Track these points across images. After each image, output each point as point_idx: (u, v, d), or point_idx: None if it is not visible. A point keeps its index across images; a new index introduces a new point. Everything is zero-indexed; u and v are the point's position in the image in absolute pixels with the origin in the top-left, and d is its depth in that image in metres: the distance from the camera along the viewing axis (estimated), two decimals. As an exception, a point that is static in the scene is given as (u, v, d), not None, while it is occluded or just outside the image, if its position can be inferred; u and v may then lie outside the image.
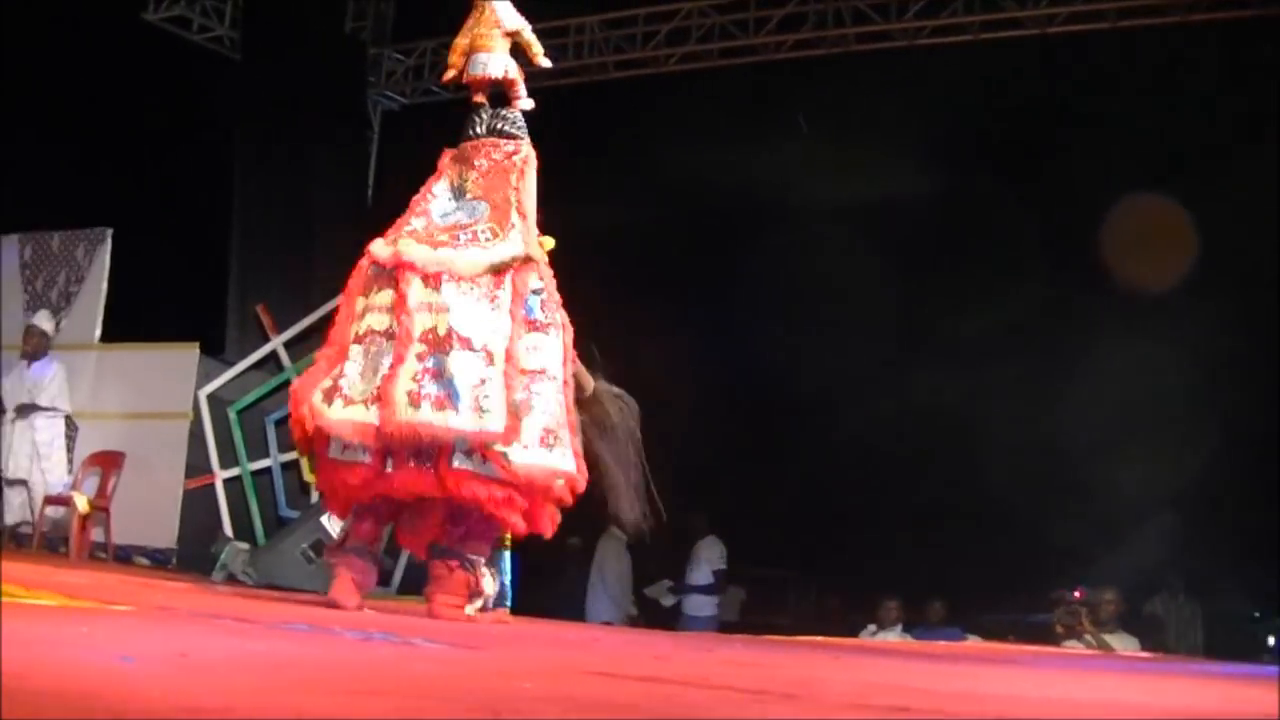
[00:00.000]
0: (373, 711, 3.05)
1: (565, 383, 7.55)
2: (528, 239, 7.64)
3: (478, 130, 8.06)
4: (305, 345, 14.70)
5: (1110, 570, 13.55)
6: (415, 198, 7.88)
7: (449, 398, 6.98)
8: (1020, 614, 14.59)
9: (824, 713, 3.79)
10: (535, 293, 7.54)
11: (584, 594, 16.30)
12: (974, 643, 12.54)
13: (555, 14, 18.31)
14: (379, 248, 7.57)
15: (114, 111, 17.55)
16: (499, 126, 8.08)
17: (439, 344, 7.08)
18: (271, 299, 15.15)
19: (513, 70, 8.37)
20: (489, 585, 7.68)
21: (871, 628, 14.39)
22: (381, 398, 7.01)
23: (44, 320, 15.17)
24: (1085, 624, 12.26)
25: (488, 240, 7.48)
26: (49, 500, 14.34)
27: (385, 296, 7.32)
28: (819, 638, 10.15)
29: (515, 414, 7.09)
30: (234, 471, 14.21)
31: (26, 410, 14.79)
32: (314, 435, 7.29)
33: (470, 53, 8.24)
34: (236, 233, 16.43)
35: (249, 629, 5.54)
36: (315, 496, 14.02)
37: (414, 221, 7.69)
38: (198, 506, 14.14)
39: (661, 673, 4.75)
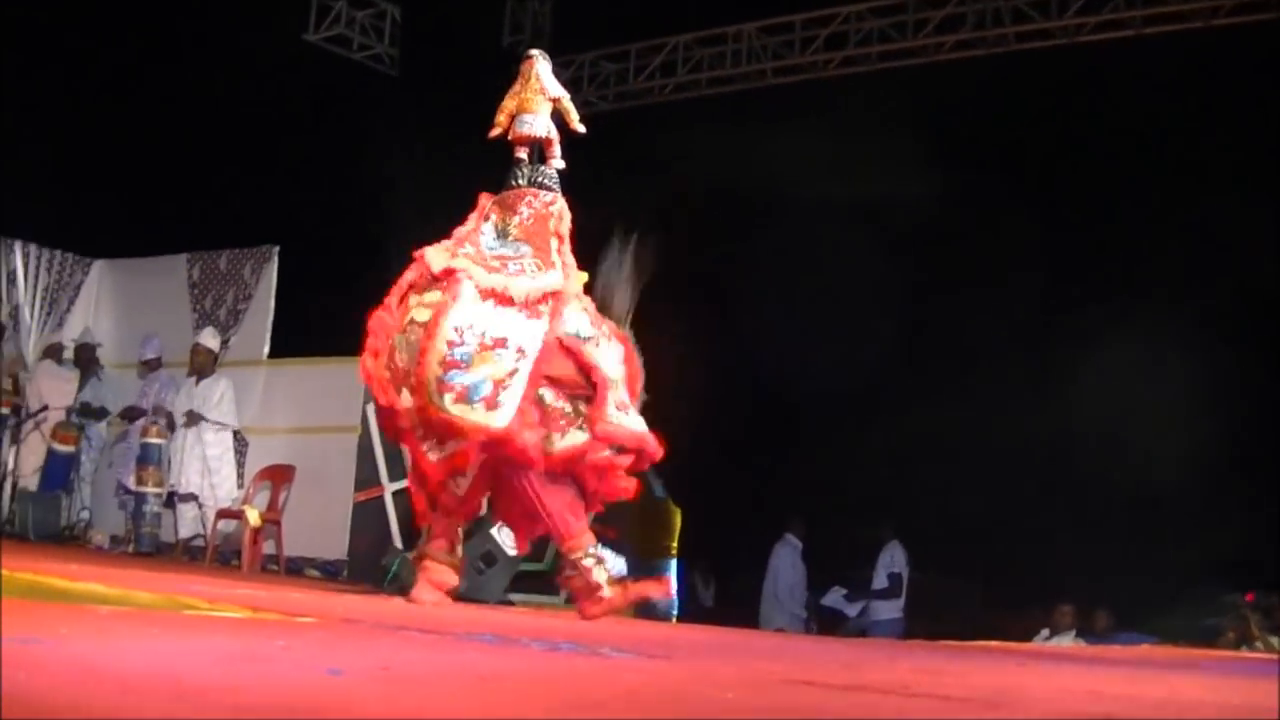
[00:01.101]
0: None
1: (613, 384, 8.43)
2: (569, 274, 8.56)
3: (520, 181, 8.91)
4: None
5: None
6: (462, 230, 8.64)
7: (468, 391, 7.80)
8: (1187, 619, 14.36)
9: (1029, 721, 3.75)
10: (585, 309, 8.49)
11: (757, 601, 16.29)
12: (1152, 647, 12.34)
13: (712, 22, 18.34)
14: (436, 258, 8.39)
15: (278, 131, 17.78)
16: (539, 180, 8.94)
17: (478, 341, 7.92)
18: (435, 312, 15.23)
19: (553, 132, 9.17)
20: (600, 575, 8.40)
21: (1044, 633, 14.22)
22: (417, 381, 7.89)
23: (209, 338, 15.39)
24: (1255, 628, 12.04)
25: (534, 273, 8.39)
26: (221, 514, 14.55)
27: (434, 295, 8.17)
28: (994, 643, 10.00)
29: (523, 413, 7.89)
30: (402, 484, 14.24)
31: (194, 418, 15.01)
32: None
33: (516, 113, 9.08)
34: (392, 245, 16.51)
35: (439, 640, 5.57)
36: (484, 508, 14.10)
37: (467, 248, 8.43)
38: (367, 519, 14.23)
39: (858, 681, 4.71)
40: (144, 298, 17.48)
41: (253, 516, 13.94)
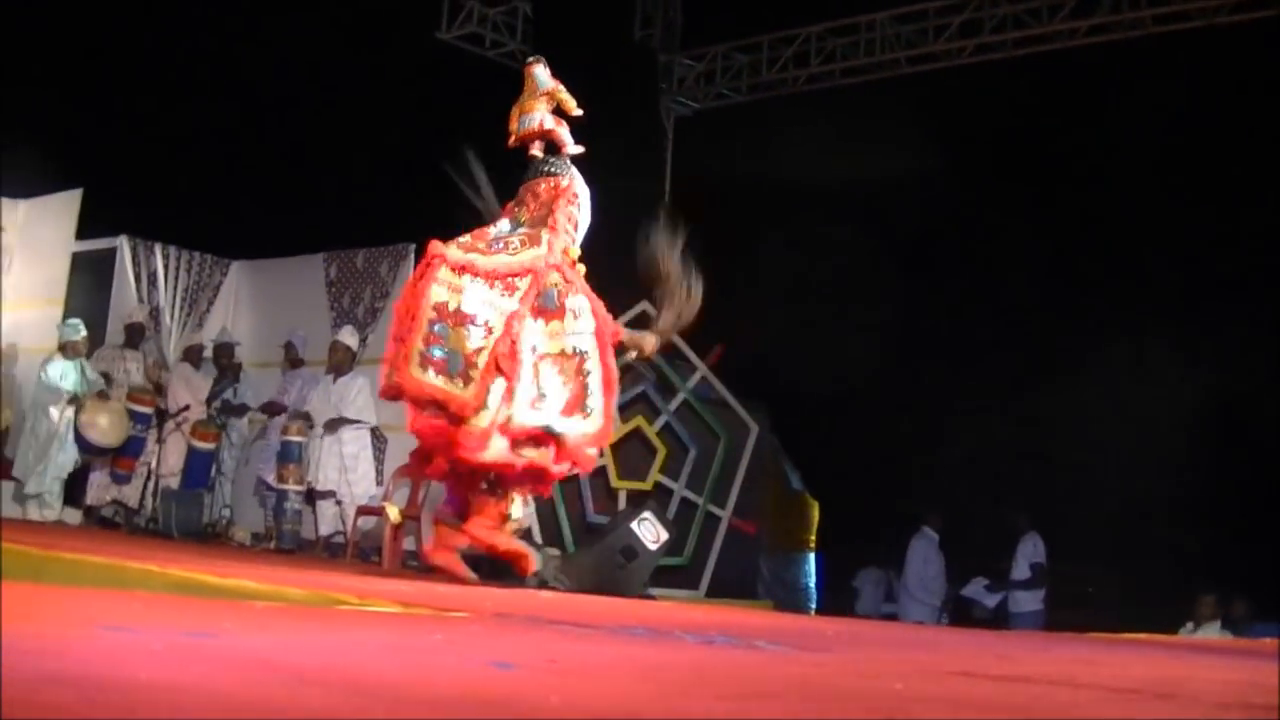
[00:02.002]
0: (768, 713, 3.02)
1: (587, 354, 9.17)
2: (553, 247, 9.25)
3: (529, 175, 9.76)
4: (608, 352, 14.77)
5: None
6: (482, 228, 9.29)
7: (446, 364, 8.44)
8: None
9: (1206, 712, 3.67)
10: (554, 285, 9.07)
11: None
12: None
13: (845, 12, 18.24)
14: (434, 245, 9.03)
15: (412, 129, 17.87)
16: (545, 169, 9.80)
17: (450, 317, 8.53)
18: (574, 308, 15.22)
19: (549, 122, 10.10)
20: (517, 510, 9.30)
21: (1189, 625, 14.01)
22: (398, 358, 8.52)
23: (348, 336, 15.46)
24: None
25: (515, 250, 9.09)
26: (361, 511, 14.61)
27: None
28: (1140, 635, 9.88)
29: (485, 387, 8.49)
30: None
31: (334, 424, 15.10)
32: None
33: (520, 116, 9.98)
34: (537, 243, 16.54)
35: (595, 634, 5.56)
36: (623, 503, 14.10)
37: (464, 238, 9.17)
38: (508, 515, 14.26)
39: (1019, 672, 4.65)
40: (282, 297, 17.61)
41: (393, 513, 13.97)
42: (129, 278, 17.33)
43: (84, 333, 15.76)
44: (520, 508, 9.32)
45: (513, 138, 9.93)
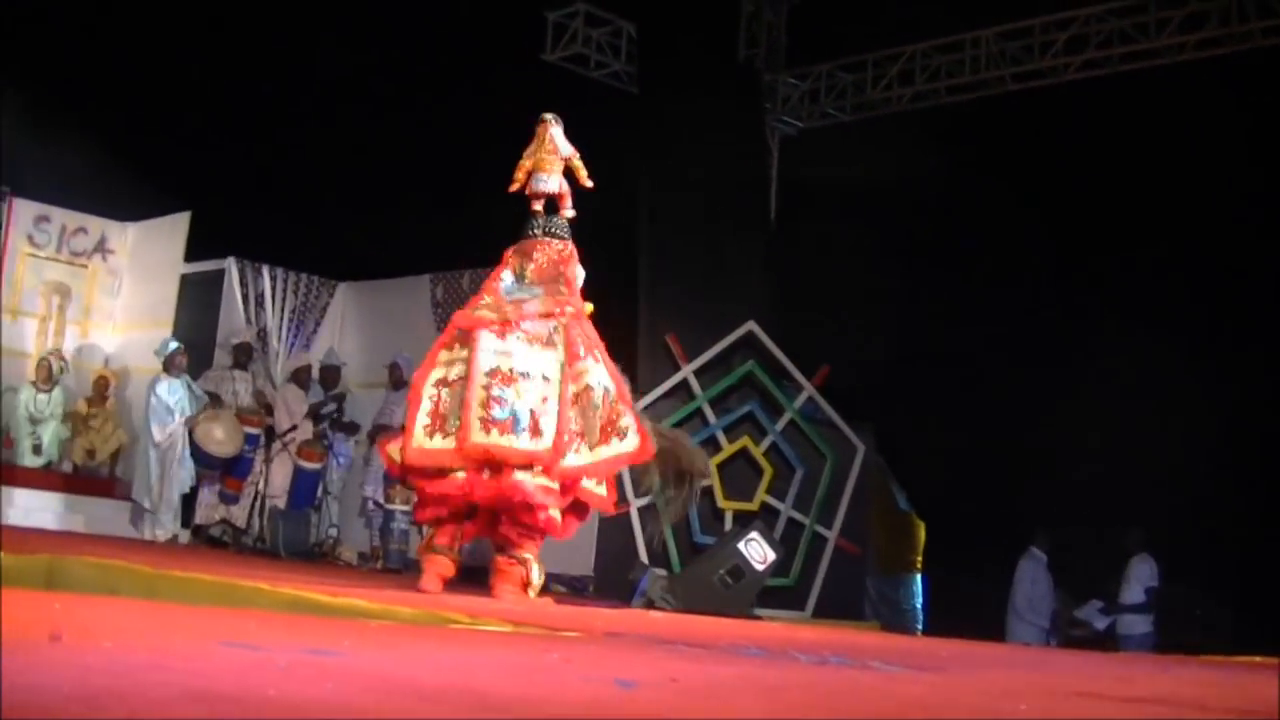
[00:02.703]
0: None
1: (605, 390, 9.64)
2: (576, 305, 9.74)
3: (536, 231, 10.08)
4: (715, 372, 14.73)
5: None
6: (487, 281, 9.85)
7: (512, 424, 8.77)
8: None
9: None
10: (578, 336, 9.55)
11: (1002, 616, 16.06)
12: None
13: (950, 29, 18.13)
14: (462, 318, 9.39)
15: (518, 151, 17.90)
16: (552, 230, 10.10)
17: (506, 379, 8.89)
18: (680, 327, 15.21)
19: (564, 187, 10.24)
20: (537, 576, 9.26)
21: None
22: (461, 424, 8.77)
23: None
24: None
25: (541, 307, 9.48)
26: (469, 531, 14.65)
27: (464, 352, 9.09)
28: (1256, 658, 9.73)
29: (561, 435, 8.97)
30: (648, 499, 14.30)
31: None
32: (406, 465, 9.10)
33: (533, 171, 10.13)
34: (643, 263, 16.52)
35: (710, 654, 5.53)
36: (729, 523, 14.06)
37: (486, 299, 9.49)
38: (613, 535, 14.24)
39: (1141, 693, 4.59)
40: (388, 318, 17.71)
41: (500, 533, 14.02)
42: (236, 299, 17.49)
43: (177, 345, 15.90)
44: (540, 573, 9.39)
45: (519, 185, 10.24)
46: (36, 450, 16.78)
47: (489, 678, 3.60)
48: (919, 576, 17.46)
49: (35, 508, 15.32)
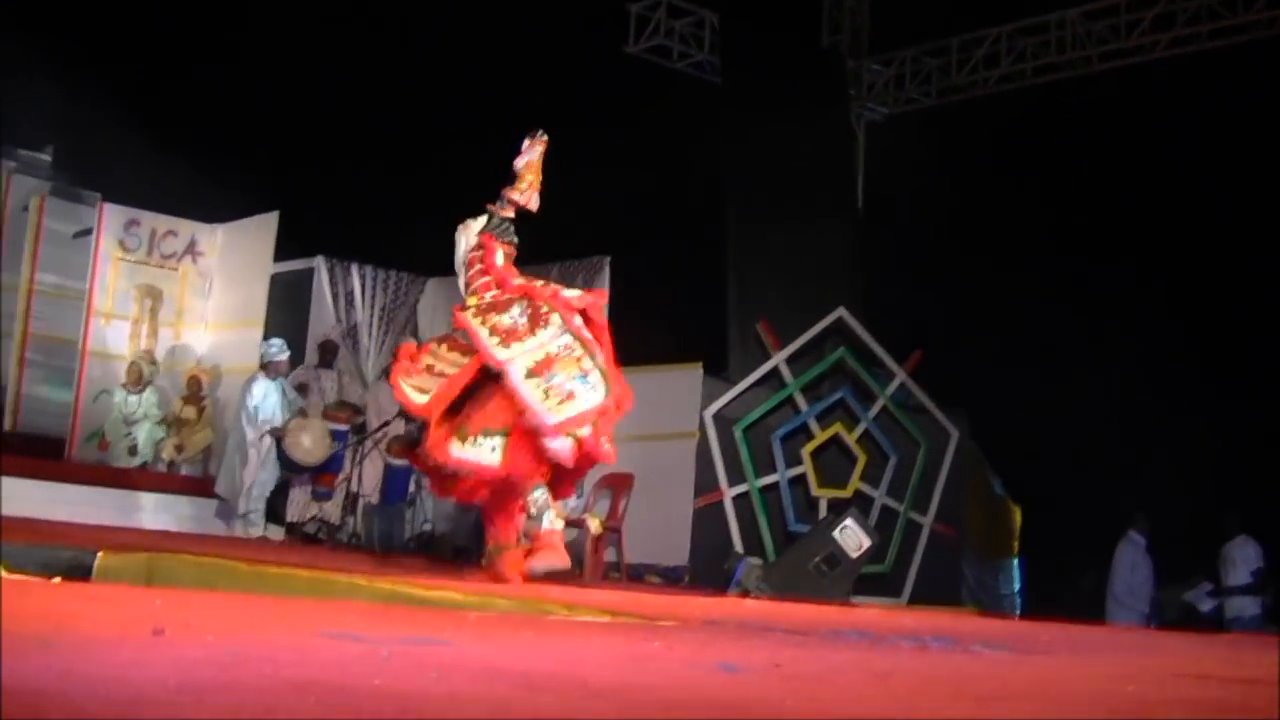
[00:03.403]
0: (1006, 715, 2.95)
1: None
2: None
3: (514, 240, 10.27)
4: (806, 360, 14.68)
5: None
6: (503, 266, 9.90)
7: (581, 390, 9.07)
8: None
9: None
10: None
11: (1102, 599, 15.91)
12: None
13: (1035, 10, 17.99)
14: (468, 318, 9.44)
15: (605, 144, 17.92)
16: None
17: (552, 362, 9.08)
18: (771, 315, 15.17)
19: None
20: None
21: None
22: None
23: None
24: None
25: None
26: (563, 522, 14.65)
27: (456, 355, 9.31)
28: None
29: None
30: (742, 488, 14.28)
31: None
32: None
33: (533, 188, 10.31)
34: (732, 251, 16.49)
35: (811, 639, 5.50)
36: (824, 511, 14.01)
37: (505, 295, 9.61)
38: (708, 524, 14.24)
39: (1250, 675, 4.52)
40: (478, 312, 17.75)
41: (594, 524, 13.98)
42: (326, 298, 17.55)
43: (288, 353, 15.96)
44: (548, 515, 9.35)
45: (532, 198, 10.33)
46: (132, 451, 16.91)
47: (592, 665, 3.59)
48: (1016, 561, 17.33)
49: (132, 506, 15.43)
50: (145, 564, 8.41)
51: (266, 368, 15.86)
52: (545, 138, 10.29)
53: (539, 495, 9.12)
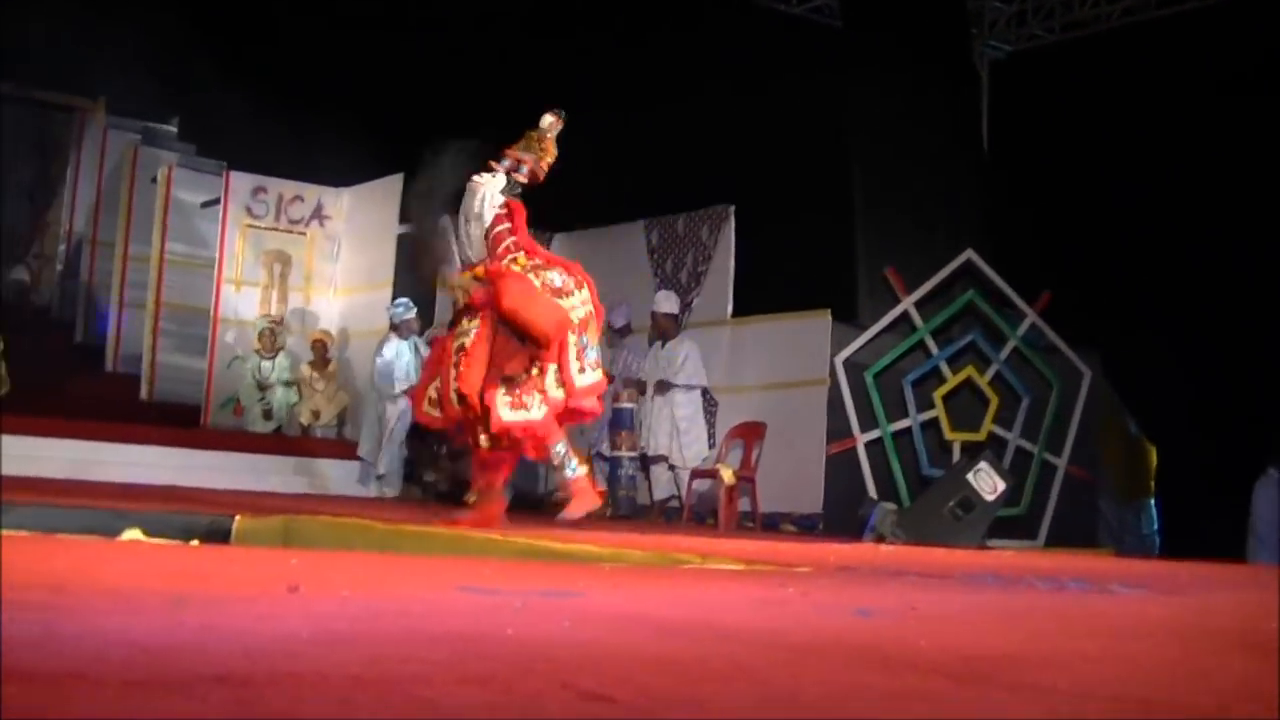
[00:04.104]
0: (1144, 652, 2.92)
1: None
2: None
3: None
4: (936, 303, 14.58)
5: None
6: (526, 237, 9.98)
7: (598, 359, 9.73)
8: None
9: None
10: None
11: (1243, 540, 15.69)
12: None
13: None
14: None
15: (724, 91, 17.86)
16: None
17: (579, 327, 9.50)
18: (898, 260, 15.06)
19: None
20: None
21: None
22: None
23: (665, 303, 15.50)
24: None
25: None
26: (695, 474, 14.68)
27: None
28: None
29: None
30: (874, 434, 14.20)
31: (663, 386, 15.17)
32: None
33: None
34: (858, 197, 16.35)
35: (946, 582, 5.47)
36: (957, 454, 13.92)
37: (537, 260, 9.80)
38: (841, 471, 14.18)
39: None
40: (604, 266, 17.70)
41: (727, 475, 14.02)
42: (455, 256, 17.61)
43: (414, 310, 16.05)
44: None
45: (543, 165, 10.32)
46: (266, 415, 17.12)
47: (728, 612, 3.58)
48: (1153, 502, 17.13)
49: (267, 471, 15.59)
50: (282, 526, 8.52)
51: (397, 328, 15.97)
52: (564, 115, 10.51)
53: (560, 448, 9.47)
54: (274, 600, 3.26)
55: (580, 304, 9.48)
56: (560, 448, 9.42)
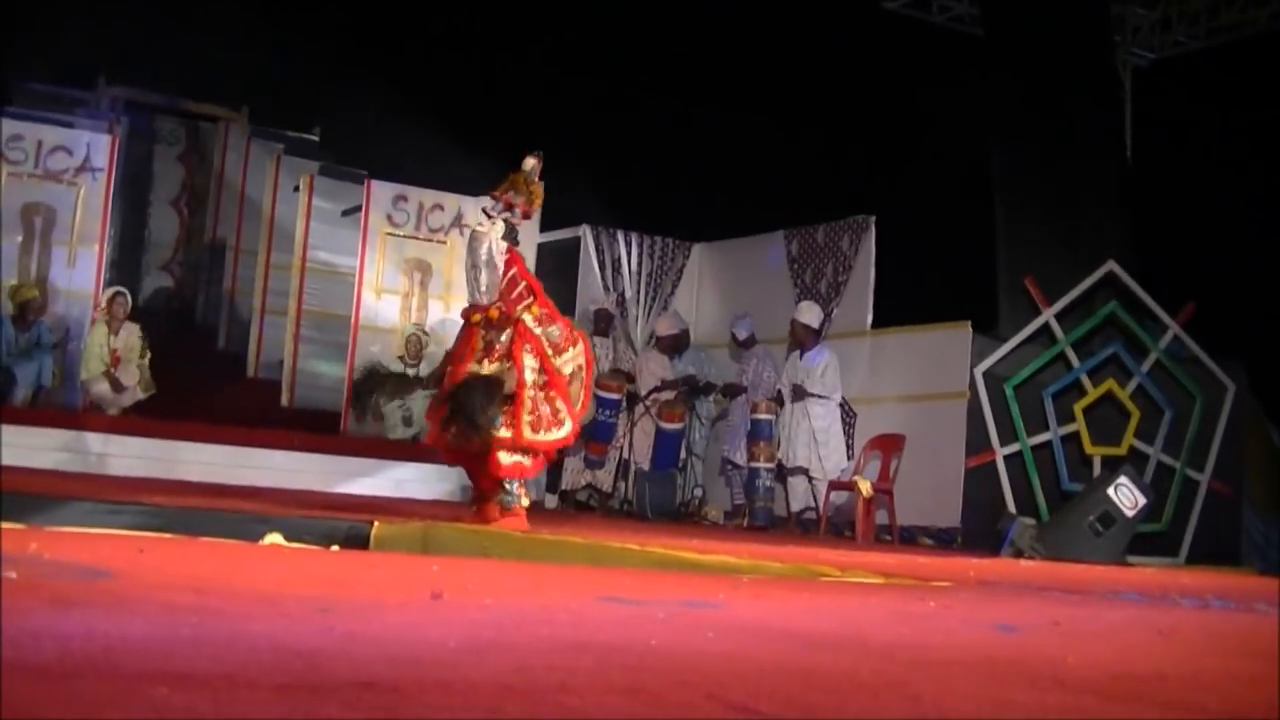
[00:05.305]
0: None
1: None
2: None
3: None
4: (1077, 315, 14.41)
5: None
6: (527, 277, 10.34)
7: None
8: None
9: None
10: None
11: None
12: None
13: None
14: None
15: (864, 101, 17.83)
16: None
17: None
18: (1040, 270, 14.89)
19: None
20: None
21: None
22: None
23: (806, 314, 15.45)
24: None
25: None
26: (833, 485, 14.63)
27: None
28: None
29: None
30: (1014, 448, 14.05)
31: (800, 395, 15.13)
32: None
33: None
34: (999, 206, 16.21)
35: (1088, 599, 5.41)
36: (1098, 469, 13.76)
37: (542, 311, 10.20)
38: (980, 484, 14.04)
39: None
40: (744, 276, 17.69)
41: (865, 487, 13.96)
42: (594, 266, 17.68)
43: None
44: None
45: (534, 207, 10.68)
46: (406, 422, 17.22)
47: (870, 625, 3.56)
48: (1296, 513, 16.85)
49: (406, 479, 15.69)
50: (421, 533, 8.60)
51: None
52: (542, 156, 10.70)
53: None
54: (418, 607, 3.29)
55: (571, 360, 9.96)
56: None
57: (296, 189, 18.25)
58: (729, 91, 18.77)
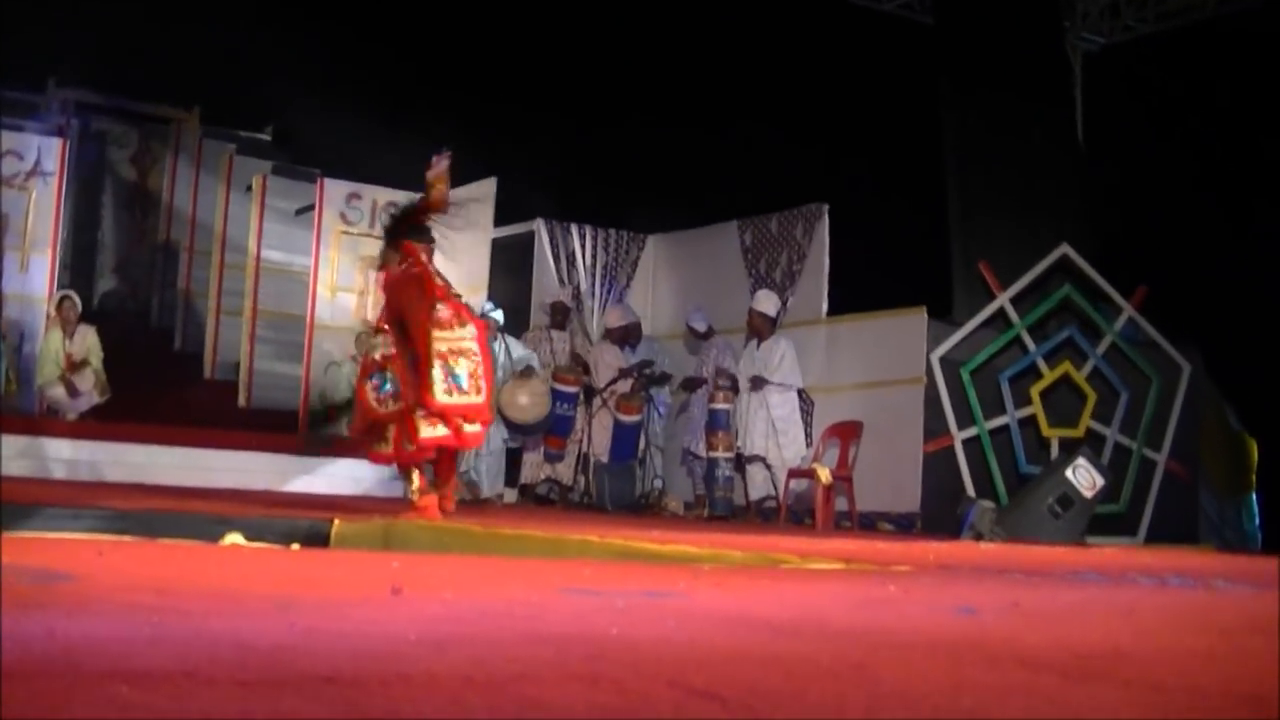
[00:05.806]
0: (1257, 648, 2.89)
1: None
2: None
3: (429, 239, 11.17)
4: (1031, 298, 14.46)
5: None
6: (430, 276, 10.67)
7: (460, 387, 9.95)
8: None
9: None
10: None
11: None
12: None
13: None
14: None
15: (816, 90, 17.85)
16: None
17: (452, 356, 10.00)
18: (993, 255, 14.94)
19: None
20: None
21: None
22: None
23: (763, 303, 15.45)
24: None
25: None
26: (792, 474, 14.63)
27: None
28: None
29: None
30: (971, 432, 14.10)
31: (759, 384, 15.13)
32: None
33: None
34: (952, 193, 16.28)
35: (1047, 580, 5.44)
36: (1055, 451, 13.82)
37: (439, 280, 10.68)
38: (938, 469, 14.08)
39: None
40: (699, 267, 17.69)
41: (823, 474, 13.97)
42: (548, 260, 17.63)
43: (492, 308, 15.98)
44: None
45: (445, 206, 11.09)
46: (357, 424, 17.22)
47: (831, 611, 3.57)
48: (1255, 496, 16.96)
49: (365, 477, 15.66)
50: (381, 530, 8.61)
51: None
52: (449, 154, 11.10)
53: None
54: (378, 603, 3.29)
55: (458, 339, 10.09)
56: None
57: (249, 189, 18.21)
58: (680, 83, 18.77)
